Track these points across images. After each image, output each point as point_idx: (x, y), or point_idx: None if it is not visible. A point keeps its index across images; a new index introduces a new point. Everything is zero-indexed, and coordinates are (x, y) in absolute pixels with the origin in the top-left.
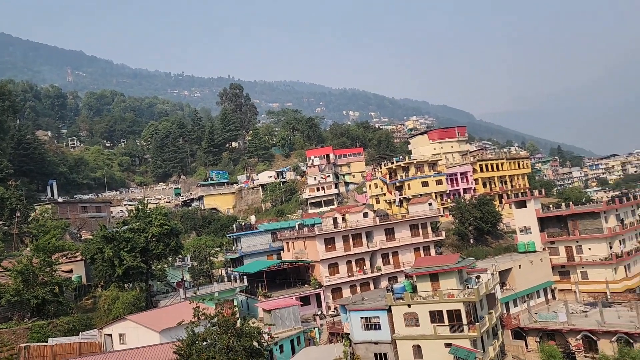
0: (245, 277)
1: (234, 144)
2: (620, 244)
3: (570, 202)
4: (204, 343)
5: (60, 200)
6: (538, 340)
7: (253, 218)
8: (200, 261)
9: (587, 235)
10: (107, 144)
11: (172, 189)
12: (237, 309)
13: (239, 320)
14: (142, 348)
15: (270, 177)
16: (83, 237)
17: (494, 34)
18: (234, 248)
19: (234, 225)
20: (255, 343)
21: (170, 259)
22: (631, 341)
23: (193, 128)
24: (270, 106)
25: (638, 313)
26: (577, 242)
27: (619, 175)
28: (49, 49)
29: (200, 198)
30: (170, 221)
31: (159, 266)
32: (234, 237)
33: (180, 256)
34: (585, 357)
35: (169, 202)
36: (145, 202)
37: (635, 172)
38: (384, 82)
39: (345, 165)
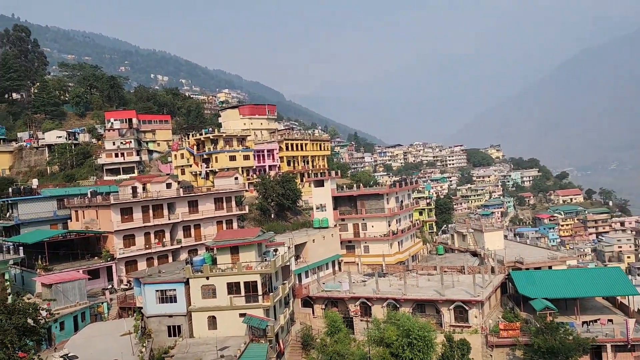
0: (21, 248)
1: (15, 96)
2: (397, 223)
3: (361, 184)
4: None
5: None
6: (324, 307)
7: (35, 182)
8: None
9: (372, 214)
10: None
11: None
12: (8, 283)
13: (11, 296)
14: None
15: (60, 137)
16: None
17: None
18: (8, 215)
19: (10, 189)
20: (30, 320)
21: None
22: (398, 306)
23: None
24: (64, 57)
25: (405, 282)
26: (364, 220)
27: (401, 163)
28: None
29: None
30: None
31: None
32: (9, 202)
33: None
34: (361, 320)
35: None
36: None
37: (414, 161)
38: (198, 50)
39: (149, 132)
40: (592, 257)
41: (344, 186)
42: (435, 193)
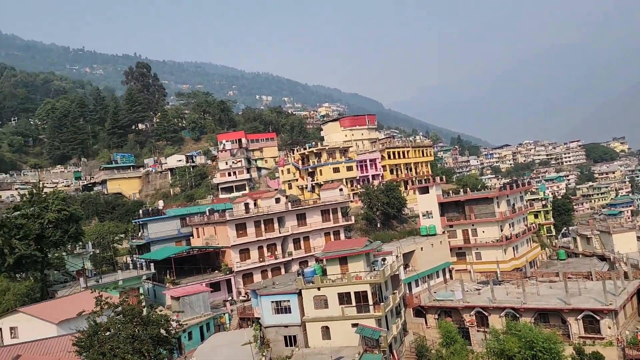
0: (152, 264)
1: (140, 126)
2: (510, 227)
3: (468, 189)
4: (107, 333)
5: None
6: (436, 317)
7: (161, 203)
8: (103, 248)
9: (481, 219)
10: None
11: (72, 172)
12: (143, 297)
13: (145, 308)
14: (38, 341)
15: (180, 161)
16: None
17: (405, 26)
18: (140, 234)
19: (140, 211)
20: (162, 331)
21: (69, 246)
22: (517, 315)
23: (95, 108)
24: (179, 87)
25: (523, 290)
26: (473, 225)
27: (510, 164)
28: None
29: (104, 182)
30: (69, 206)
31: (56, 254)
32: (140, 222)
33: (80, 243)
34: (478, 331)
35: (68, 186)
36: (41, 185)
37: (524, 161)
38: (298, 68)
39: (257, 150)
40: None
41: (450, 191)
42: (551, 194)
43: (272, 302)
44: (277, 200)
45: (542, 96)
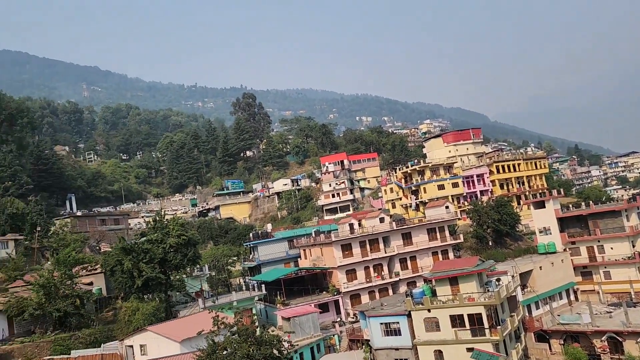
0: (263, 285)
1: (248, 153)
2: None
3: (590, 202)
4: (224, 352)
5: (79, 213)
6: (562, 342)
7: (269, 226)
8: (218, 270)
9: (608, 234)
10: (123, 157)
11: (189, 200)
12: (256, 317)
13: (259, 328)
14: (164, 358)
15: (286, 184)
16: (102, 250)
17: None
18: (251, 257)
19: (251, 234)
20: (275, 351)
21: (188, 269)
22: None
23: (207, 138)
24: (283, 114)
25: None
26: (599, 241)
27: (639, 173)
28: (64, 65)
29: (217, 208)
30: (187, 231)
31: (177, 276)
32: (251, 245)
33: (198, 266)
34: (611, 358)
35: (186, 212)
36: (163, 213)
37: None
38: (397, 87)
39: (359, 170)
40: None
41: (570, 205)
42: None
43: (381, 323)
44: (382, 220)
45: None
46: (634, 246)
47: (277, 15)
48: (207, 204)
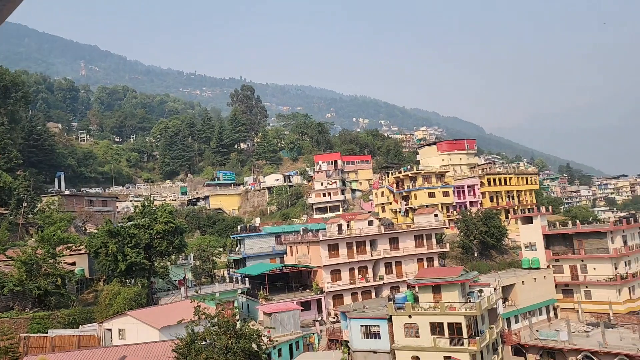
0: (247, 278)
1: (242, 146)
2: (626, 265)
3: (577, 221)
4: (203, 343)
5: (67, 192)
6: (538, 357)
7: (258, 220)
8: (203, 261)
9: (592, 254)
10: (116, 139)
11: (179, 187)
12: (237, 310)
13: (239, 321)
14: (141, 344)
15: (277, 180)
16: (88, 231)
17: (505, 50)
18: (237, 249)
19: (239, 227)
20: (254, 345)
21: (173, 256)
22: None
23: (203, 127)
24: (280, 109)
25: None
26: (582, 261)
27: (628, 196)
28: (64, 42)
29: (206, 197)
30: (175, 219)
31: (162, 263)
32: (238, 238)
33: (183, 255)
34: None
35: (175, 199)
36: (152, 198)
37: None
38: (395, 91)
39: (352, 172)
40: None
41: (557, 223)
42: None
43: (362, 325)
44: (370, 223)
45: None
46: (616, 268)
47: (280, 9)
48: (197, 192)
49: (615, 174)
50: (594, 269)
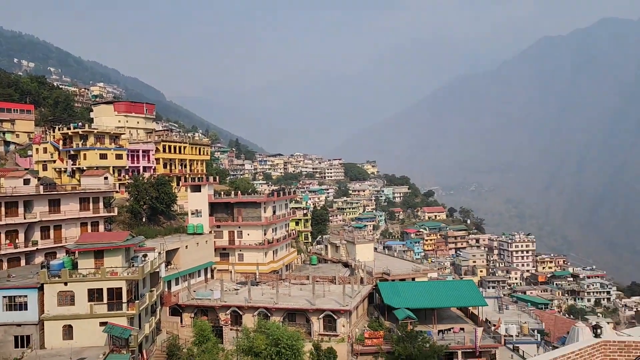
0: None
1: None
2: (273, 232)
3: (239, 192)
4: None
5: None
6: (193, 316)
7: None
8: None
9: (248, 222)
10: None
11: None
12: None
13: None
14: None
15: None
16: None
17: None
18: None
19: None
20: None
21: None
22: (269, 315)
23: None
24: None
25: (277, 291)
26: (240, 227)
27: (281, 172)
28: None
29: None
30: None
31: None
32: None
33: None
34: (231, 329)
35: None
36: None
37: (294, 171)
38: (71, 37)
39: (8, 121)
40: (450, 270)
41: (222, 192)
42: (313, 204)
43: (4, 297)
44: (27, 182)
45: (322, 116)
46: (265, 234)
47: None
48: None
49: (273, 152)
50: (248, 234)
